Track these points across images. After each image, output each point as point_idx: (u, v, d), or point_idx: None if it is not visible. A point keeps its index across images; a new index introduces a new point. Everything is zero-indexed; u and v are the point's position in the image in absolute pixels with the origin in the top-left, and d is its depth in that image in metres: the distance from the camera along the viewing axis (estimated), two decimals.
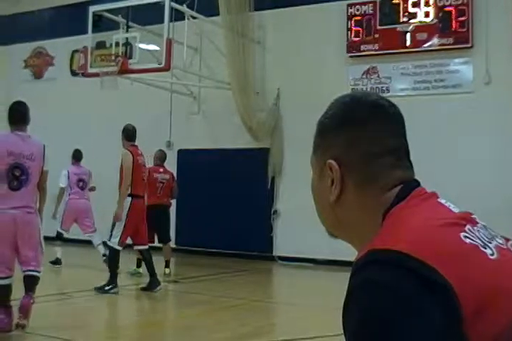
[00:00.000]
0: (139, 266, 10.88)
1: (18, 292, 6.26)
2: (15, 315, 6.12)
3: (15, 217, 6.19)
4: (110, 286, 8.58)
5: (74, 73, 17.92)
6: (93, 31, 13.68)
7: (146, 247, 9.44)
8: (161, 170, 11.73)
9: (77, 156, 13.05)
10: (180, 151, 15.47)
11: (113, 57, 13.15)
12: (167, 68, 12.66)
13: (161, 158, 11.84)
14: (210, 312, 7.84)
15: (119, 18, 13.45)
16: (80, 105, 17.37)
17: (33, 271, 6.37)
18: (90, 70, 13.72)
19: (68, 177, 12.41)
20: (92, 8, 13.51)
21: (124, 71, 12.90)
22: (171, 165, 15.26)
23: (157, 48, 13.30)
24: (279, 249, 14.11)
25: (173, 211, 15.06)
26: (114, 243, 9.01)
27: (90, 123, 17.13)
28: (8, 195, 6.19)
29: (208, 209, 14.74)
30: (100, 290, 8.51)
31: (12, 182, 6.21)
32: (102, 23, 13.62)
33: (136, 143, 10.19)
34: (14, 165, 6.22)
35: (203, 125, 15.15)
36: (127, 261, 10.39)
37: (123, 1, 13.50)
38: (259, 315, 8.04)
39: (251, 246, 14.21)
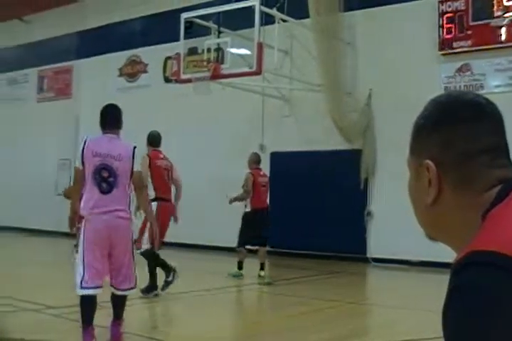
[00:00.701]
0: (240, 268, 11.02)
1: None
2: None
3: (112, 222, 5.86)
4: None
5: (167, 79, 18.25)
6: (185, 38, 13.88)
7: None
8: (261, 173, 11.80)
9: None
10: (273, 154, 15.54)
11: (205, 63, 13.32)
12: (258, 72, 12.74)
13: (257, 161, 11.82)
14: (304, 314, 7.84)
15: (210, 24, 13.61)
16: (174, 111, 17.69)
17: (132, 289, 6.11)
18: (183, 76, 13.92)
19: None
20: (184, 15, 13.71)
21: (216, 76, 13.04)
22: (264, 167, 15.36)
23: (248, 52, 13.40)
24: (373, 250, 13.99)
25: None
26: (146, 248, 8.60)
27: (184, 128, 17.41)
28: (100, 199, 5.89)
29: (301, 211, 14.75)
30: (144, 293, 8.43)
31: (101, 184, 5.91)
32: (193, 30, 13.80)
33: (160, 148, 10.07)
34: (101, 167, 5.92)
35: (294, 127, 15.18)
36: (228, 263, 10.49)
37: (214, 6, 13.69)
38: (354, 318, 8.00)
39: (344, 247, 14.13)
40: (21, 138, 22.07)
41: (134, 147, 6.30)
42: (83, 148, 5.99)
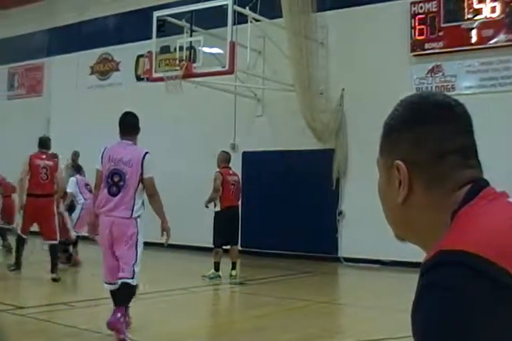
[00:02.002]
0: (217, 269, 10.89)
1: None
2: None
3: (112, 221, 6.38)
4: None
5: (139, 78, 18.18)
6: (157, 36, 13.84)
7: None
8: (231, 172, 11.76)
9: None
10: (244, 153, 15.54)
11: (177, 62, 13.29)
12: (231, 71, 12.73)
13: (226, 159, 11.81)
14: (276, 313, 7.86)
15: (183, 23, 13.57)
16: (145, 109, 17.57)
17: (123, 278, 6.36)
18: (155, 75, 13.89)
19: None
20: (156, 13, 13.66)
21: (188, 75, 13.01)
22: (236, 167, 15.35)
23: (221, 51, 13.39)
24: (344, 250, 14.05)
25: None
26: None
27: (155, 127, 17.34)
28: (108, 200, 6.45)
29: (273, 211, 14.78)
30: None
31: (111, 187, 6.48)
32: (165, 28, 13.75)
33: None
34: (114, 172, 6.50)
35: (267, 127, 15.19)
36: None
37: (187, 5, 13.65)
38: (326, 317, 8.02)
39: (316, 247, 14.17)
40: None
41: (145, 153, 6.77)
42: (102, 153, 6.73)
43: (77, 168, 12.93)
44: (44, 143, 11.31)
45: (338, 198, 14.21)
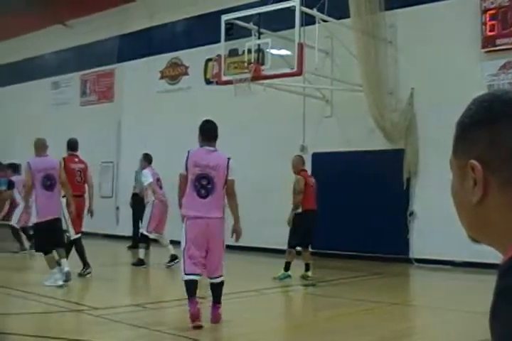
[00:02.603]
0: (288, 269, 10.89)
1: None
2: None
3: (207, 222, 7.02)
4: None
5: (208, 81, 18.32)
6: (226, 39, 13.89)
7: None
8: (309, 174, 11.96)
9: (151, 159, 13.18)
10: (314, 155, 15.50)
11: (246, 64, 13.33)
12: (299, 73, 12.71)
13: (304, 162, 11.96)
14: (348, 315, 7.80)
15: (251, 25, 13.62)
16: (215, 112, 17.71)
17: (222, 276, 7.23)
18: (224, 78, 13.95)
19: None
20: (224, 17, 13.73)
21: (257, 77, 13.05)
22: (306, 168, 15.36)
23: (289, 53, 13.38)
24: (416, 251, 13.85)
25: None
26: None
27: (225, 129, 17.45)
28: (198, 203, 7.04)
29: (343, 212, 14.69)
30: None
31: (200, 190, 7.12)
32: (234, 31, 13.81)
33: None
34: (201, 176, 7.15)
35: (336, 128, 15.12)
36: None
37: (254, 8, 13.70)
38: (397, 319, 7.92)
39: (387, 248, 14.02)
40: (65, 141, 22.30)
41: (229, 158, 7.56)
42: (186, 159, 7.41)
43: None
44: (74, 146, 11.86)
45: (409, 198, 14.03)
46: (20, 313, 7.50)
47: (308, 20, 13.20)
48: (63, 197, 10.61)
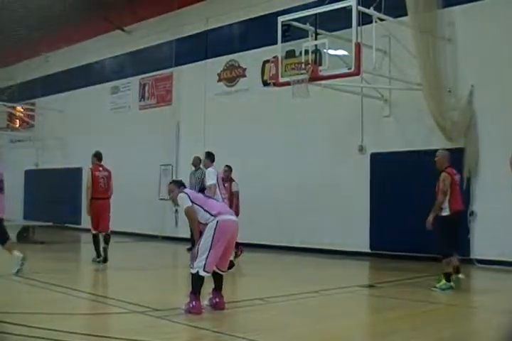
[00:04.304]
0: (449, 280, 9.93)
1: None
2: None
3: (236, 223, 7.72)
4: None
5: (265, 83, 18.34)
6: (282, 41, 13.87)
7: None
8: (455, 171, 10.74)
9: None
10: (372, 154, 15.39)
11: (303, 65, 13.30)
12: (357, 72, 12.62)
13: (449, 158, 10.66)
14: (407, 316, 7.70)
15: (307, 26, 13.59)
16: (272, 114, 17.80)
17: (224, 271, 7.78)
18: (281, 79, 13.92)
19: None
20: (281, 18, 13.73)
21: (314, 78, 13.01)
22: (364, 168, 15.27)
23: (346, 53, 13.29)
24: (477, 251, 13.59)
25: (367, 215, 15.06)
26: None
27: (283, 131, 17.50)
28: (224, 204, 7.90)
29: (402, 212, 14.51)
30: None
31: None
32: (290, 32, 13.80)
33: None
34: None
35: (394, 127, 14.98)
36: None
37: (311, 8, 13.67)
38: (457, 321, 7.76)
39: None
40: (125, 145, 22.67)
41: None
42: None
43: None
44: (100, 157, 13.68)
45: (470, 198, 13.77)
46: (83, 314, 7.63)
47: (365, 20, 13.12)
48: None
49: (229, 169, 14.49)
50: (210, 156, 12.68)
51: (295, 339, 6.35)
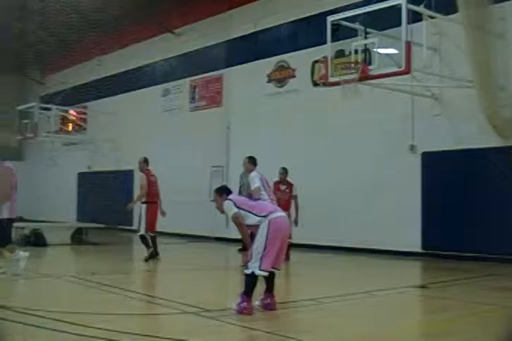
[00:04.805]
0: None
1: None
2: None
3: (286, 219, 7.86)
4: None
5: (315, 83, 18.31)
6: (332, 40, 13.84)
7: None
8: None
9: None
10: (424, 154, 15.23)
11: (353, 65, 13.24)
12: (407, 71, 12.52)
13: None
14: (461, 318, 7.58)
15: (357, 25, 13.53)
16: (322, 114, 17.75)
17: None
18: (331, 79, 13.88)
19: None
20: (330, 18, 13.69)
21: (364, 77, 12.95)
22: (415, 167, 15.12)
23: (396, 52, 13.19)
24: None
25: (419, 214, 14.90)
26: None
27: (333, 131, 17.44)
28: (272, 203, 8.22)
29: (457, 212, 14.34)
30: None
31: None
32: (339, 32, 13.75)
33: None
34: None
35: (446, 126, 14.79)
36: None
37: (360, 7, 13.60)
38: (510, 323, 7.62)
39: (502, 248, 13.57)
40: (176, 146, 22.85)
41: None
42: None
43: None
44: (148, 162, 14.20)
45: None
46: (136, 314, 7.71)
47: (415, 18, 13.01)
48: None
49: (284, 171, 14.48)
50: (251, 160, 12.65)
51: (347, 340, 6.32)
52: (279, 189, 14.14)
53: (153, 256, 13.57)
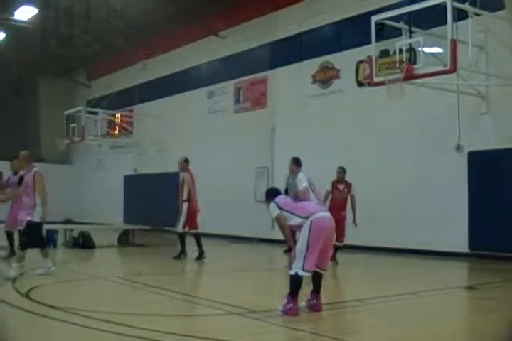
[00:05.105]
0: None
1: None
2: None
3: (331, 220, 7.64)
4: None
5: (360, 84, 18.21)
6: (376, 40, 13.77)
7: None
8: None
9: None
10: (470, 153, 15.03)
11: (397, 64, 13.14)
12: (453, 70, 12.38)
13: None
14: (505, 320, 7.46)
15: (401, 25, 13.43)
16: (368, 114, 17.65)
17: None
18: (376, 79, 13.80)
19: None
20: (374, 18, 13.61)
21: (409, 77, 12.84)
22: (462, 167, 14.94)
23: (441, 51, 13.06)
24: None
25: (465, 214, 14.71)
26: None
27: (379, 130, 17.32)
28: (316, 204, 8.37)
29: (503, 212, 14.13)
30: None
31: None
32: (384, 32, 13.66)
33: None
34: None
35: (493, 124, 14.59)
36: None
37: (403, 7, 13.50)
38: None
39: None
40: (221, 148, 22.94)
41: None
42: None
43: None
44: (189, 162, 14.44)
45: None
46: (181, 315, 7.75)
47: (460, 16, 12.87)
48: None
49: (342, 170, 14.02)
50: (295, 161, 12.58)
51: None
52: (337, 188, 13.83)
53: (201, 255, 14.03)
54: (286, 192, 14.53)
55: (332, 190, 13.74)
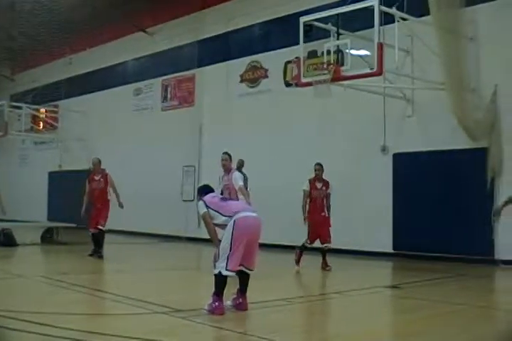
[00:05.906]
0: None
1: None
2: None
3: (256, 219, 7.53)
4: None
5: (287, 84, 18.34)
6: (304, 41, 13.86)
7: None
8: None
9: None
10: (395, 155, 15.32)
11: (325, 66, 13.28)
12: (379, 72, 12.58)
13: None
14: (432, 318, 7.62)
15: (329, 26, 13.57)
16: (295, 115, 17.77)
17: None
18: (303, 80, 13.92)
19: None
20: (303, 19, 13.71)
21: (336, 78, 12.99)
22: (387, 168, 15.20)
23: (368, 53, 13.25)
24: (502, 252, 13.47)
25: (390, 215, 14.99)
26: None
27: (305, 131, 17.46)
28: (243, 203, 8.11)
29: (425, 213, 14.46)
30: None
31: None
32: (312, 33, 13.78)
33: None
34: None
35: (417, 127, 14.91)
36: None
37: (332, 8, 13.64)
38: (481, 322, 7.68)
39: (471, 249, 13.70)
40: (148, 146, 22.75)
41: None
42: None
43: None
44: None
45: (493, 199, 13.64)
46: (106, 314, 7.67)
47: (387, 19, 13.08)
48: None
49: (321, 167, 13.06)
50: (231, 158, 12.49)
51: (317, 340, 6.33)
52: (315, 187, 12.80)
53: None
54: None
55: (310, 190, 12.79)
